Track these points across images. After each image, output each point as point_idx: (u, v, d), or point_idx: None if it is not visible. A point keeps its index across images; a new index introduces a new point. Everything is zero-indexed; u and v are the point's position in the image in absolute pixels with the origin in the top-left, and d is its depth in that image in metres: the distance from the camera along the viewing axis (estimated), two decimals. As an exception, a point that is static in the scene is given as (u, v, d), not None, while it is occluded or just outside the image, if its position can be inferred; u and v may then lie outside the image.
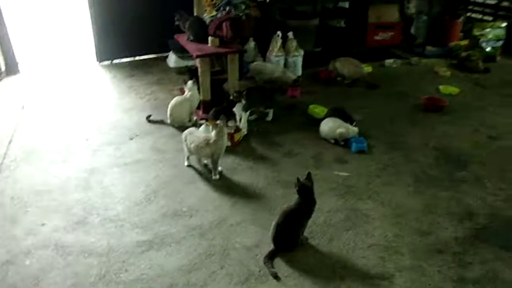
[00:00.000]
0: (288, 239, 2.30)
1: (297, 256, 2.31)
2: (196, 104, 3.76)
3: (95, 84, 4.72)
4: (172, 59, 4.98)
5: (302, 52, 4.75)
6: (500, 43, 5.42)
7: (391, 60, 5.33)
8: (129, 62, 5.37)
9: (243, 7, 4.54)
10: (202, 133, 3.14)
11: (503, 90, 4.62)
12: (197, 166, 3.16)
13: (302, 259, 2.29)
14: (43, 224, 2.58)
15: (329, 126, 3.45)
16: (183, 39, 4.07)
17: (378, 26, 5.24)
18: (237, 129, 3.48)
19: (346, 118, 3.51)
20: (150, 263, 2.27)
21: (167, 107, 3.73)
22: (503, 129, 3.73)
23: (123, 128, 3.74)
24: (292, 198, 2.70)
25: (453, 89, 4.50)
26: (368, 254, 2.33)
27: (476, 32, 5.48)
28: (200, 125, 3.53)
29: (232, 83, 3.94)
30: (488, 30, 5.42)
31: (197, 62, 3.79)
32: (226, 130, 2.93)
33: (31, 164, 3.19)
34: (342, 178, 3.01)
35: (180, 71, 4.95)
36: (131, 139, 3.57)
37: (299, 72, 4.81)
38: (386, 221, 2.59)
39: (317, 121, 3.71)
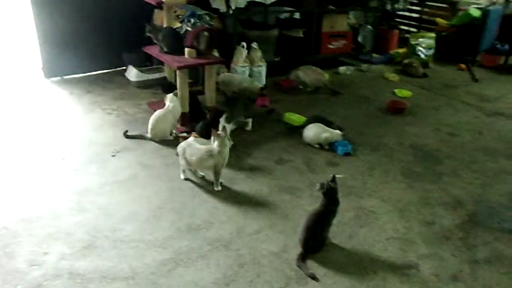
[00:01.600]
0: (319, 241, 2.37)
1: (325, 256, 2.38)
2: (178, 117, 3.67)
3: (53, 102, 4.39)
4: (133, 73, 4.81)
5: (265, 62, 4.87)
6: (432, 51, 6.03)
7: (344, 68, 5.67)
8: (81, 77, 5.07)
9: (207, 18, 4.56)
10: (201, 145, 3.09)
11: (444, 92, 5.14)
12: (193, 178, 3.10)
13: (331, 258, 2.37)
14: (45, 253, 2.36)
15: (314, 131, 3.58)
16: (155, 51, 3.97)
17: (331, 35, 5.55)
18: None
19: (328, 123, 3.68)
20: (182, 280, 2.19)
21: (140, 122, 3.63)
22: (456, 126, 4.16)
23: (99, 145, 3.54)
24: (299, 203, 2.82)
25: (407, 93, 4.92)
26: (387, 247, 2.47)
27: (413, 41, 6.05)
28: (184, 138, 3.47)
29: (210, 95, 3.93)
30: (422, 39, 6.01)
31: (177, 74, 3.72)
32: (227, 141, 2.92)
33: (10, 190, 2.90)
34: (339, 180, 3.13)
35: (142, 85, 4.80)
36: (113, 155, 3.39)
37: (264, 82, 4.92)
38: (392, 216, 2.76)
39: (296, 128, 3.85)
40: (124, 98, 4.53)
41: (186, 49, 3.73)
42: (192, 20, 4.46)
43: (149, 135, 3.63)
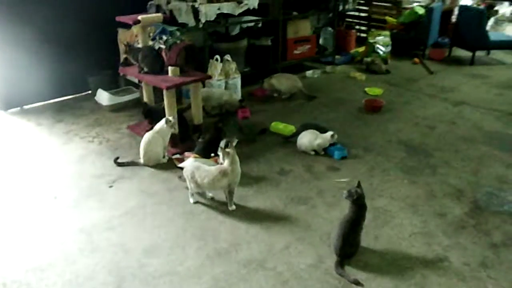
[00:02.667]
0: (354, 246, 2.41)
1: (359, 260, 2.43)
2: (168, 138, 3.55)
3: (20, 136, 4.07)
4: (104, 97, 4.59)
5: (239, 74, 4.86)
6: (389, 48, 6.35)
7: (310, 72, 5.80)
8: (45, 106, 4.77)
9: (178, 34, 4.47)
10: (203, 164, 3.03)
11: (409, 87, 5.43)
12: (203, 201, 3.03)
13: (366, 261, 2.42)
14: (72, 303, 2.20)
15: (308, 138, 3.64)
16: (133, 72, 3.83)
17: (296, 41, 5.66)
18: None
19: (321, 130, 3.74)
20: (230, 308, 2.14)
21: (126, 147, 3.53)
22: (431, 119, 4.42)
23: (91, 177, 3.35)
24: (316, 212, 2.86)
25: (377, 90, 5.14)
26: (413, 242, 2.57)
27: (371, 39, 6.33)
28: (179, 160, 3.38)
29: (197, 113, 3.85)
30: (379, 38, 6.30)
31: (164, 95, 3.60)
32: (237, 157, 2.88)
33: (8, 239, 2.66)
34: (344, 184, 3.22)
35: (115, 108, 4.60)
36: (111, 186, 3.22)
37: (240, 94, 4.91)
38: (406, 212, 2.88)
39: (288, 138, 3.89)
40: (101, 123, 4.31)
41: (170, 68, 3.63)
42: (164, 37, 4.34)
43: (141, 161, 3.49)
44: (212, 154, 3.35)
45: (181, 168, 3.32)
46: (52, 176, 3.36)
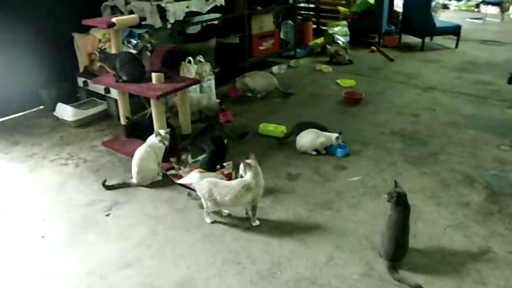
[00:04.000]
0: (405, 249, 2.32)
1: (407, 262, 2.33)
2: (161, 152, 3.20)
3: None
4: (68, 112, 4.06)
5: (213, 75, 4.58)
6: (348, 38, 6.40)
7: (276, 67, 5.66)
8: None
9: (147, 36, 4.08)
10: (217, 179, 2.77)
11: (377, 75, 5.51)
12: (220, 219, 2.76)
13: (415, 263, 2.33)
14: None
15: (310, 138, 3.49)
16: (109, 82, 3.41)
17: (261, 37, 5.47)
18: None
19: (318, 128, 3.60)
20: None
21: (109, 167, 3.22)
22: (411, 107, 4.49)
23: (80, 206, 2.92)
24: (342, 215, 2.75)
25: (350, 82, 5.13)
26: (452, 236, 2.54)
27: (329, 30, 6.33)
28: (176, 176, 3.09)
29: (185, 122, 3.54)
30: (337, 28, 6.33)
31: (152, 105, 3.24)
32: (259, 168, 2.66)
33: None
34: (358, 183, 3.13)
35: (81, 123, 4.10)
36: (107, 215, 2.83)
37: (214, 96, 4.63)
38: (431, 205, 2.85)
39: (278, 139, 3.73)
40: (69, 142, 3.81)
41: (154, 74, 3.27)
42: (134, 41, 3.94)
43: (134, 181, 3.12)
44: (218, 166, 3.09)
45: (182, 185, 3.05)
46: (29, 212, 2.87)
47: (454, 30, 6.67)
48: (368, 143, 3.71)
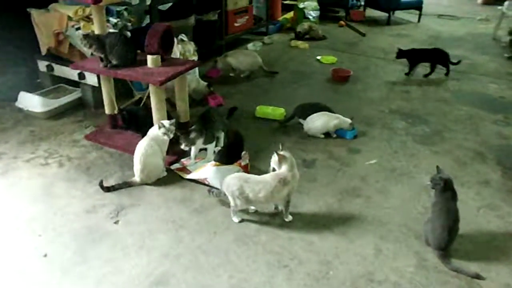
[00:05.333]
0: (456, 235, 2.24)
1: (454, 249, 2.26)
2: (166, 145, 2.86)
3: None
4: (36, 102, 3.50)
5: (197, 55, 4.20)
6: (318, 12, 6.22)
7: (251, 45, 5.37)
8: None
9: (126, 14, 3.60)
10: (227, 172, 2.52)
11: (353, 51, 5.45)
12: (247, 217, 2.52)
13: (462, 250, 2.26)
14: None
15: (322, 121, 3.31)
16: (94, 68, 2.96)
17: (236, 13, 5.12)
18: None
19: (322, 109, 3.44)
20: None
21: (101, 163, 2.90)
22: (400, 83, 4.46)
23: (78, 214, 2.52)
24: (374, 203, 2.65)
25: (331, 58, 4.98)
26: (486, 218, 2.51)
27: (300, 5, 6.11)
28: (183, 170, 2.79)
29: (183, 108, 3.19)
30: (307, 3, 6.12)
31: (151, 92, 2.85)
32: (294, 160, 2.43)
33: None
34: (376, 166, 3.02)
35: (53, 114, 3.58)
36: (116, 222, 2.47)
37: (198, 77, 4.26)
38: (455, 185, 2.80)
39: (280, 122, 3.52)
40: (43, 137, 3.30)
41: (150, 57, 2.88)
42: (113, 20, 3.44)
43: (137, 179, 2.76)
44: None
45: (192, 180, 2.76)
46: (16, 226, 2.42)
47: (417, 5, 6.76)
48: (372, 123, 3.61)
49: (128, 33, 3.56)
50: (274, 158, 2.39)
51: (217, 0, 4.79)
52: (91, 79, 3.56)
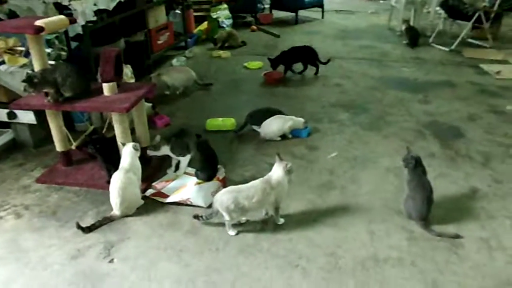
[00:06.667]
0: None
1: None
2: (140, 172, 2.76)
3: None
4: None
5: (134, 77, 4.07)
6: (231, 20, 6.38)
7: (175, 60, 5.33)
8: None
9: (57, 42, 3.37)
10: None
11: (274, 53, 5.57)
12: (241, 228, 2.55)
13: (434, 216, 2.57)
14: None
15: (277, 124, 3.45)
16: (43, 104, 2.74)
17: (158, 30, 5.04)
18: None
19: (275, 112, 3.58)
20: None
21: (67, 206, 2.72)
22: (330, 78, 4.81)
23: (65, 263, 2.31)
24: (350, 191, 2.84)
25: (257, 64, 5.16)
26: (443, 185, 2.83)
27: (213, 15, 6.20)
28: (160, 194, 2.74)
29: (143, 133, 3.09)
30: (220, 12, 6.24)
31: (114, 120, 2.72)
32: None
33: None
34: (338, 158, 3.24)
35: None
36: (111, 261, 2.34)
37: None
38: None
39: (235, 131, 3.61)
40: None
41: (106, 85, 2.76)
42: (47, 50, 3.18)
43: (117, 213, 2.63)
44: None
45: (172, 203, 2.71)
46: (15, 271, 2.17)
47: (319, 3, 7.28)
48: (319, 119, 3.85)
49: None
50: (277, 166, 2.49)
51: (139, 20, 4.66)
52: (25, 117, 3.28)
